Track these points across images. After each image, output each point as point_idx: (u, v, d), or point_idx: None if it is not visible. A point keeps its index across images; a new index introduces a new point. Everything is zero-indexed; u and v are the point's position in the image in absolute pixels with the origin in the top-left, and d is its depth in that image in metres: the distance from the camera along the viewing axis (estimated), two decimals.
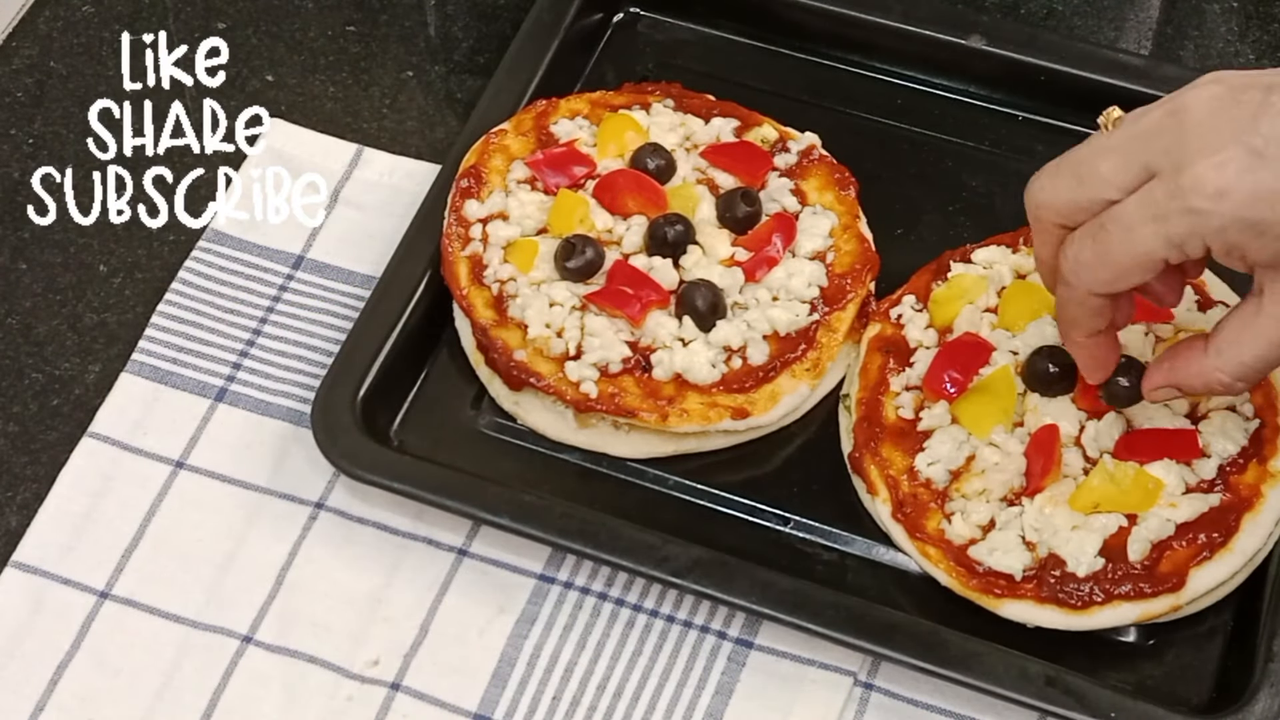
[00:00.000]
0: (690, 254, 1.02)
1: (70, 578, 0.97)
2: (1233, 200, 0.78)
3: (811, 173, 1.05)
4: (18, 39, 1.16)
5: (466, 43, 1.16)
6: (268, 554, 0.97)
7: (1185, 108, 0.80)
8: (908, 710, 0.92)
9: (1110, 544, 0.92)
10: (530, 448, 1.00)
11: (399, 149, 1.11)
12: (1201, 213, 0.79)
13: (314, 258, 1.07)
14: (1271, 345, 0.83)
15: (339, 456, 0.96)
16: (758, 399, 0.98)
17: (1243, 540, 0.91)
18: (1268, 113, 0.79)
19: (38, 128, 1.13)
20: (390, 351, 1.00)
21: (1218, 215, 0.79)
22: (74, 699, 0.93)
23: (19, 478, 1.00)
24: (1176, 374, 0.88)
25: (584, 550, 0.93)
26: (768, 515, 0.97)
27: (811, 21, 1.12)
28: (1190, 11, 1.15)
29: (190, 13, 1.17)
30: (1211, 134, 0.79)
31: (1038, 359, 0.96)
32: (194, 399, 1.02)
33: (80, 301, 1.06)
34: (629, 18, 1.15)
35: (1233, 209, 0.79)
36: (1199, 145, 0.79)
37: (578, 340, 0.99)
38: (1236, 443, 0.94)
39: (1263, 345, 0.83)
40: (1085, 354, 0.90)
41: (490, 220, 1.03)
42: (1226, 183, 0.78)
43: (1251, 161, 0.78)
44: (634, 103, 1.08)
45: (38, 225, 1.09)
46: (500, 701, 0.92)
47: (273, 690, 0.93)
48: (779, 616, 0.91)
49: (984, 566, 0.92)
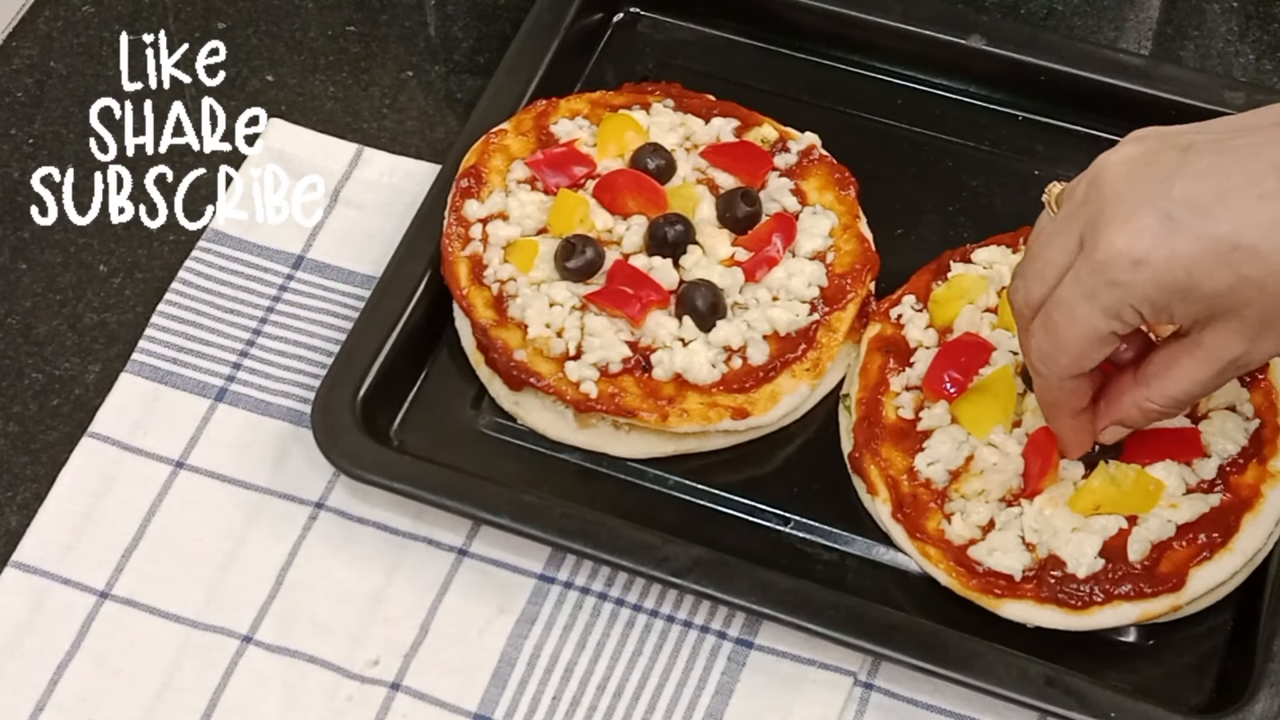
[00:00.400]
0: (690, 254, 1.02)
1: (70, 578, 0.97)
2: (1150, 268, 0.79)
3: (811, 173, 1.05)
4: (18, 39, 1.16)
5: (466, 43, 1.16)
6: (268, 554, 0.97)
7: (1102, 174, 0.81)
8: (908, 710, 0.92)
9: (1110, 544, 0.92)
10: (530, 448, 1.00)
11: (399, 149, 1.11)
12: (1123, 284, 0.80)
13: (314, 258, 1.07)
14: (1197, 383, 0.84)
15: (339, 456, 0.96)
16: (758, 399, 0.98)
17: (1243, 540, 0.91)
18: (1181, 174, 0.78)
19: (38, 128, 1.13)
20: (390, 351, 1.00)
21: (1139, 285, 0.79)
22: (74, 699, 0.93)
23: (19, 478, 1.00)
24: (1113, 410, 0.88)
25: (584, 550, 0.93)
26: (768, 515, 0.97)
27: (811, 21, 1.12)
28: (1190, 11, 1.15)
29: (190, 13, 1.17)
30: (1126, 201, 0.79)
31: None
32: (194, 399, 1.02)
33: (80, 301, 1.06)
34: (629, 18, 1.15)
35: (1152, 277, 0.79)
36: (1113, 213, 0.79)
37: (578, 340, 0.99)
38: (1236, 443, 0.94)
39: (1188, 383, 0.84)
40: (1069, 433, 0.91)
41: (490, 220, 1.03)
42: (1142, 252, 0.79)
43: (1165, 226, 0.78)
44: (634, 103, 1.08)
45: (38, 225, 1.09)
46: (500, 701, 0.92)
47: (273, 690, 0.93)
48: (779, 616, 0.91)
49: (984, 567, 0.92)
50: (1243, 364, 0.82)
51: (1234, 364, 0.82)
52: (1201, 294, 0.79)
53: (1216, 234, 0.78)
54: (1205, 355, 0.82)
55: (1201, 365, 0.83)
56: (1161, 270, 0.79)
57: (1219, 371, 0.83)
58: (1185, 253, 0.78)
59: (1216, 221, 0.77)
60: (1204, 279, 0.78)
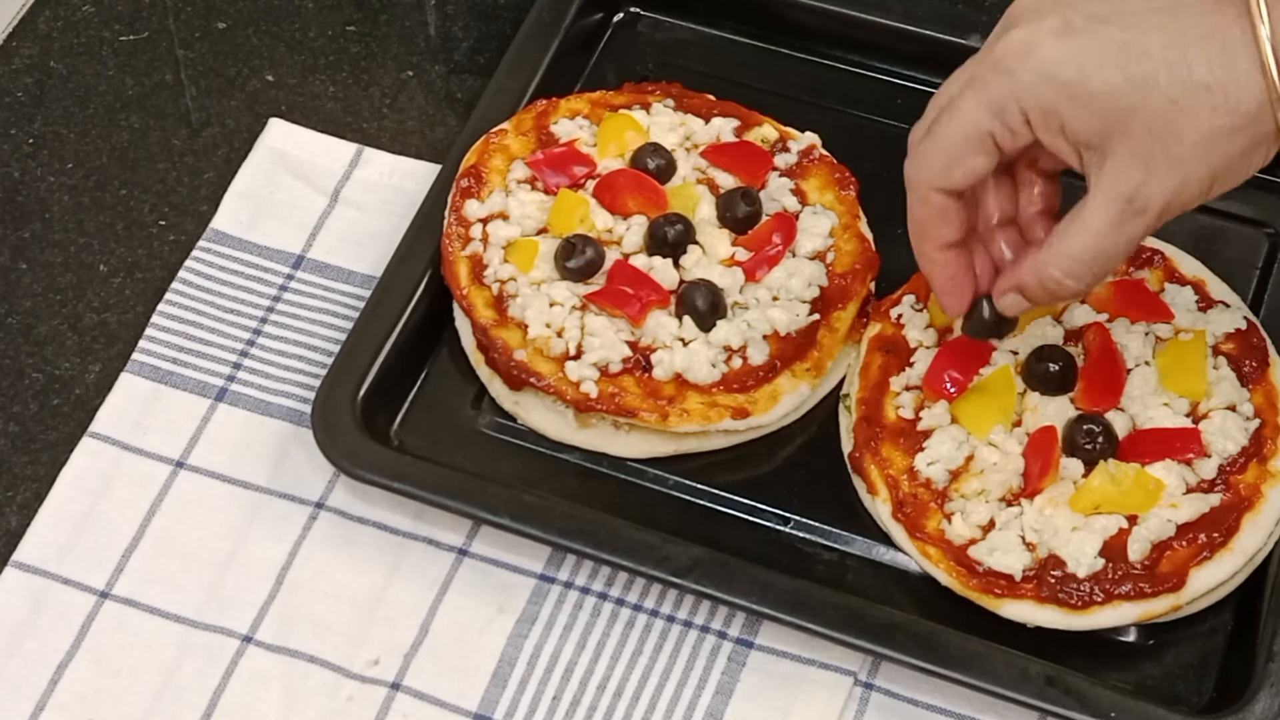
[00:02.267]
0: (690, 254, 1.02)
1: (70, 578, 0.97)
2: (1040, 57, 0.80)
3: (812, 172, 1.05)
4: (18, 39, 1.17)
5: (466, 43, 1.16)
6: (268, 554, 0.97)
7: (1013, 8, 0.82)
8: (908, 710, 0.92)
9: (1110, 544, 0.92)
10: (530, 448, 1.00)
11: (399, 149, 1.11)
12: (1011, 72, 0.80)
13: (314, 258, 1.07)
14: (1096, 235, 0.82)
15: (339, 456, 0.96)
16: (758, 399, 0.98)
17: (1243, 540, 0.91)
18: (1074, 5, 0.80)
19: (38, 128, 1.13)
20: (390, 351, 1.00)
21: (1028, 73, 0.80)
22: (74, 699, 0.93)
23: (19, 478, 1.00)
24: (1016, 276, 0.87)
25: (584, 550, 0.94)
26: (768, 515, 0.97)
27: (811, 21, 1.12)
28: None
29: (190, 13, 1.17)
30: (1032, 11, 0.81)
31: (1037, 358, 0.96)
32: (194, 399, 1.02)
33: (80, 301, 1.06)
34: (629, 18, 1.15)
35: (1040, 65, 0.79)
36: (1018, 18, 0.81)
37: (578, 340, 0.99)
38: (1237, 442, 0.94)
39: (1089, 236, 0.82)
40: (940, 272, 0.89)
41: (490, 220, 1.03)
42: (1035, 42, 0.80)
43: (1063, 28, 0.79)
44: (634, 102, 1.08)
45: (38, 225, 1.09)
46: (500, 701, 0.92)
47: (273, 690, 0.93)
48: (779, 616, 0.91)
49: (984, 566, 0.92)
50: (1141, 203, 0.80)
51: (1132, 204, 0.80)
52: (1091, 92, 0.79)
53: (1109, 35, 0.79)
54: (1101, 196, 0.81)
55: (1099, 210, 0.81)
56: (1051, 60, 0.79)
57: (1118, 216, 0.81)
58: (1077, 46, 0.79)
59: (1110, 26, 0.79)
60: (1093, 74, 0.79)
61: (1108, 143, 0.80)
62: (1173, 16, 0.78)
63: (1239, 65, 0.77)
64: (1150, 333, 0.98)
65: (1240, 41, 0.77)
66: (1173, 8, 0.78)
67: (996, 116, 0.81)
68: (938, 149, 0.84)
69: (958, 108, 0.82)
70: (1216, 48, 0.77)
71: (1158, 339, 0.97)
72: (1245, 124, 0.78)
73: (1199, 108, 0.78)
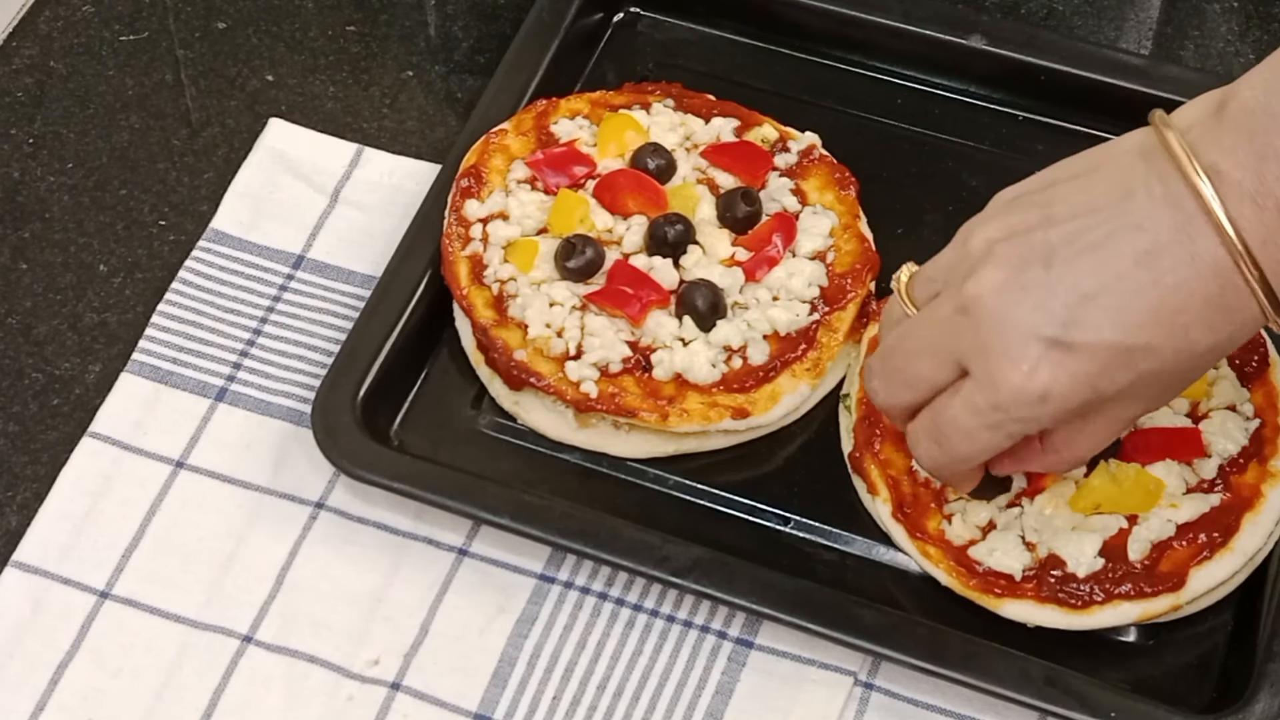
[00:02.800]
0: (690, 254, 1.02)
1: (70, 578, 0.97)
2: (1056, 398, 0.79)
3: (812, 172, 1.05)
4: (18, 39, 1.17)
5: (466, 43, 1.16)
6: (268, 554, 0.97)
7: (973, 303, 0.79)
8: (908, 710, 0.92)
9: (1110, 544, 0.92)
10: (530, 448, 1.00)
11: (399, 149, 1.11)
12: (1031, 419, 0.80)
13: (314, 258, 1.07)
14: (1100, 444, 0.84)
15: (339, 456, 0.96)
16: (758, 399, 0.98)
17: (1243, 540, 0.91)
18: (1055, 294, 0.78)
19: (38, 128, 1.13)
20: (390, 351, 1.00)
21: (1049, 415, 0.80)
22: (74, 699, 0.93)
23: (19, 478, 1.00)
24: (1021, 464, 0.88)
25: (584, 550, 0.94)
26: (768, 515, 0.97)
27: (811, 21, 1.12)
28: (1190, 11, 1.15)
29: (190, 13, 1.17)
30: (1009, 333, 0.78)
31: None
32: (194, 399, 1.02)
33: (80, 301, 1.06)
34: (629, 18, 1.15)
35: (1060, 404, 0.79)
36: (1002, 349, 0.79)
37: (578, 340, 0.99)
38: (1237, 442, 0.94)
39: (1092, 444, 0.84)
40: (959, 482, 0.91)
41: (490, 220, 1.03)
42: (1042, 387, 0.78)
43: (1058, 353, 0.78)
44: (634, 102, 1.08)
45: (38, 225, 1.09)
46: (500, 701, 0.92)
47: (273, 690, 0.93)
48: (779, 616, 0.91)
49: (984, 566, 0.92)
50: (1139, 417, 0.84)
51: (1132, 422, 0.84)
52: (1107, 396, 0.80)
53: (1108, 343, 0.77)
54: (1106, 424, 0.83)
55: (1105, 429, 0.83)
56: (1068, 397, 0.79)
57: (1120, 431, 0.84)
58: (1084, 371, 0.78)
59: (1103, 332, 0.77)
60: (1107, 386, 0.79)
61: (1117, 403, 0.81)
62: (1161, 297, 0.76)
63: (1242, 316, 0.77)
64: None
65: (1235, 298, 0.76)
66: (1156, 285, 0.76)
67: (1015, 438, 0.82)
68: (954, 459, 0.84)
69: (973, 437, 0.82)
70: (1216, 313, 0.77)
71: None
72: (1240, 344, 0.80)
73: (1204, 364, 0.80)
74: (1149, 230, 0.76)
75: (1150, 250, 0.76)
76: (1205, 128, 0.76)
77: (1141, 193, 0.77)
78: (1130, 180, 0.78)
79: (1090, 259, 0.77)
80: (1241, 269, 0.75)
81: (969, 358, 0.81)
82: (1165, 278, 0.76)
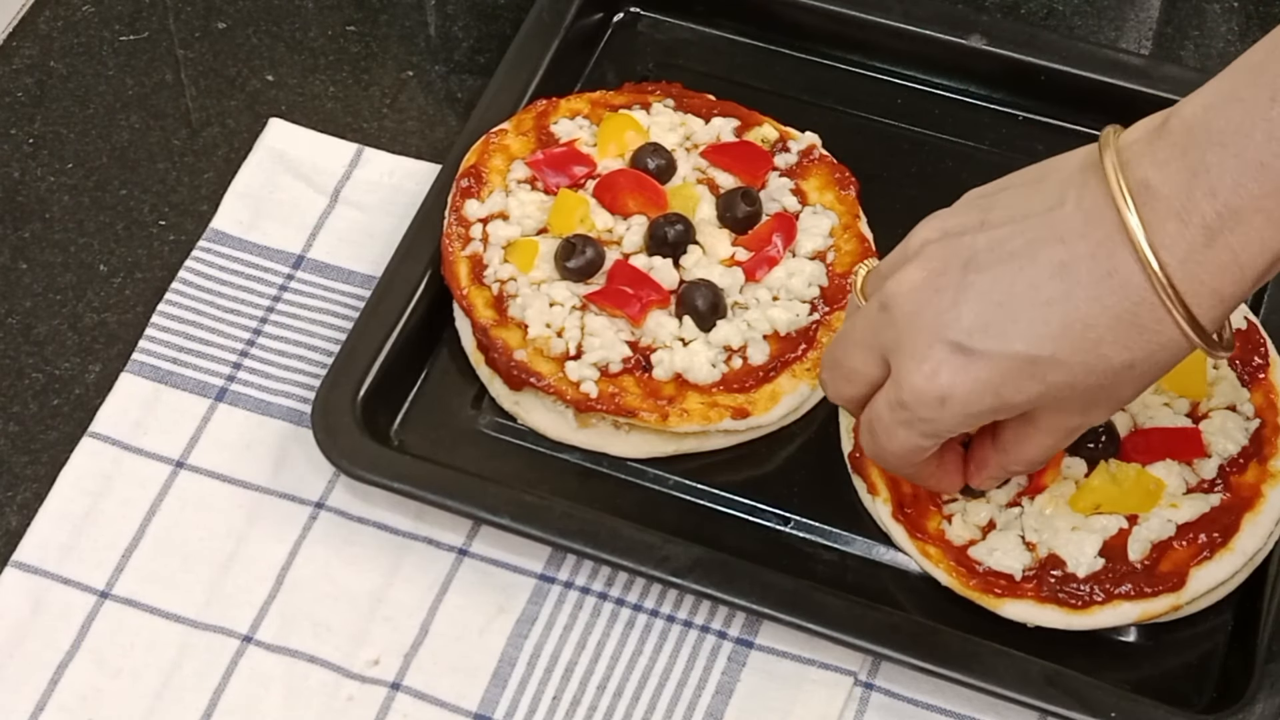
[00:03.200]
0: (690, 254, 1.02)
1: (70, 578, 0.97)
2: (957, 402, 0.79)
3: (812, 172, 1.05)
4: (18, 39, 1.17)
5: (466, 43, 1.16)
6: (268, 554, 0.97)
7: (891, 302, 0.80)
8: (908, 710, 0.92)
9: (1110, 544, 0.92)
10: (530, 448, 1.00)
11: (399, 149, 1.11)
12: (933, 419, 0.80)
13: (314, 257, 1.07)
14: (1046, 450, 0.84)
15: (339, 456, 0.96)
16: (758, 399, 0.98)
17: (1243, 540, 0.91)
18: (966, 297, 0.78)
19: (38, 128, 1.13)
20: (390, 351, 1.00)
21: (949, 417, 0.80)
22: (74, 699, 0.93)
23: (19, 478, 1.00)
24: (982, 472, 0.89)
25: (584, 550, 0.94)
26: (768, 515, 0.97)
27: (811, 21, 1.12)
28: (1190, 11, 1.15)
29: (190, 13, 1.17)
30: (918, 333, 0.79)
31: None
32: (194, 399, 1.02)
33: (80, 301, 1.06)
34: (629, 18, 1.15)
35: (960, 409, 0.79)
36: (910, 348, 0.79)
37: (578, 340, 0.99)
38: (1237, 443, 0.94)
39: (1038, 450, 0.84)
40: (930, 484, 0.91)
41: (490, 220, 1.03)
42: (941, 390, 0.79)
43: (960, 359, 0.78)
44: (634, 102, 1.08)
45: (38, 225, 1.09)
46: (500, 701, 0.92)
47: (273, 690, 0.93)
48: (779, 616, 0.91)
49: (984, 566, 0.92)
50: (1083, 428, 0.83)
51: (1074, 431, 0.83)
52: (1015, 405, 0.79)
53: (1012, 352, 0.77)
54: (1045, 431, 0.83)
55: (1045, 437, 0.83)
56: (968, 402, 0.79)
57: (1063, 439, 0.84)
58: (986, 379, 0.78)
59: (1009, 340, 0.77)
60: (1012, 394, 0.78)
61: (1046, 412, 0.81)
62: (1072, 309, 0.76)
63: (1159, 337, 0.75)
64: None
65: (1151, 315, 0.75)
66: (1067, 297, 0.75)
67: (934, 439, 0.83)
68: (889, 455, 0.85)
69: (893, 435, 0.83)
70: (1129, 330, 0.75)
71: None
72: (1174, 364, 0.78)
73: (1126, 381, 0.78)
74: (1069, 243, 0.76)
75: (1066, 263, 0.76)
76: (1145, 143, 0.75)
77: (1071, 204, 0.76)
78: (1064, 192, 0.77)
79: (1007, 267, 0.77)
80: (1156, 288, 0.74)
81: (888, 353, 0.81)
82: (1077, 291, 0.76)
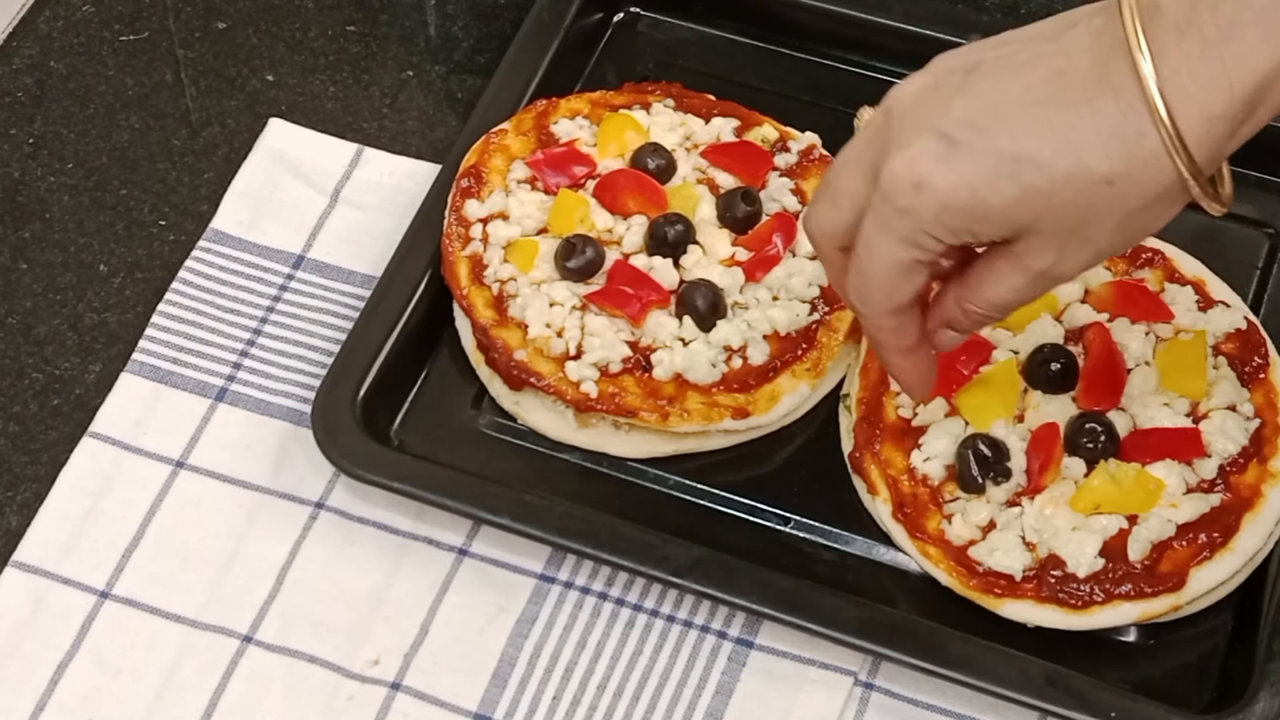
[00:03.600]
0: (690, 254, 1.02)
1: (70, 578, 0.97)
2: (932, 191, 0.76)
3: (812, 172, 1.05)
4: (18, 39, 1.17)
5: (466, 43, 1.16)
6: (268, 554, 0.97)
7: (893, 104, 0.79)
8: (908, 710, 0.92)
9: (1110, 544, 0.92)
10: (530, 448, 1.00)
11: (399, 149, 1.11)
12: (909, 210, 0.77)
13: (314, 257, 1.07)
14: (1013, 290, 0.81)
15: (339, 456, 0.97)
16: (758, 399, 0.98)
17: (1243, 540, 0.91)
18: (962, 94, 0.77)
19: (38, 128, 1.13)
20: (390, 351, 1.00)
21: (924, 209, 0.77)
22: (74, 699, 0.93)
23: (19, 478, 1.00)
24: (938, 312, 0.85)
25: (584, 550, 0.94)
26: (768, 515, 0.97)
27: (811, 21, 1.12)
28: None
29: (190, 13, 1.17)
30: (909, 126, 0.77)
31: (1039, 356, 0.96)
32: (194, 399, 1.02)
33: (80, 301, 1.06)
34: (629, 18, 1.15)
35: (935, 199, 0.77)
36: (896, 139, 0.78)
37: (578, 340, 0.99)
38: (1237, 442, 0.94)
39: (1004, 290, 0.81)
40: (904, 373, 0.87)
41: (490, 220, 1.03)
42: (921, 175, 0.76)
43: (943, 149, 0.76)
44: (634, 102, 1.08)
45: (38, 225, 1.09)
46: (500, 701, 0.92)
47: (273, 690, 0.93)
48: (779, 616, 0.91)
49: (984, 566, 0.92)
50: (1055, 275, 0.80)
51: (1045, 275, 0.80)
52: (991, 210, 0.77)
53: (995, 148, 0.76)
54: (1017, 263, 0.80)
55: (1015, 273, 0.80)
56: (943, 192, 0.76)
57: (1032, 280, 0.80)
58: (965, 170, 0.76)
59: (994, 136, 0.76)
60: (989, 194, 0.76)
61: (1020, 237, 0.79)
62: (1059, 110, 0.75)
63: (1141, 150, 0.74)
64: (1150, 333, 0.98)
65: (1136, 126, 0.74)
66: (1057, 99, 0.75)
67: (912, 247, 0.79)
68: (873, 285, 0.82)
69: (872, 246, 0.80)
70: (1112, 138, 0.74)
71: (1158, 339, 0.97)
72: (1156, 200, 0.76)
73: (1105, 203, 0.76)
74: (1072, 56, 0.75)
75: (1064, 70, 0.75)
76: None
77: (1082, 25, 0.76)
78: (1079, 18, 0.77)
79: (1008, 73, 0.76)
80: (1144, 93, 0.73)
81: (878, 157, 0.79)
82: (1068, 94, 0.75)
